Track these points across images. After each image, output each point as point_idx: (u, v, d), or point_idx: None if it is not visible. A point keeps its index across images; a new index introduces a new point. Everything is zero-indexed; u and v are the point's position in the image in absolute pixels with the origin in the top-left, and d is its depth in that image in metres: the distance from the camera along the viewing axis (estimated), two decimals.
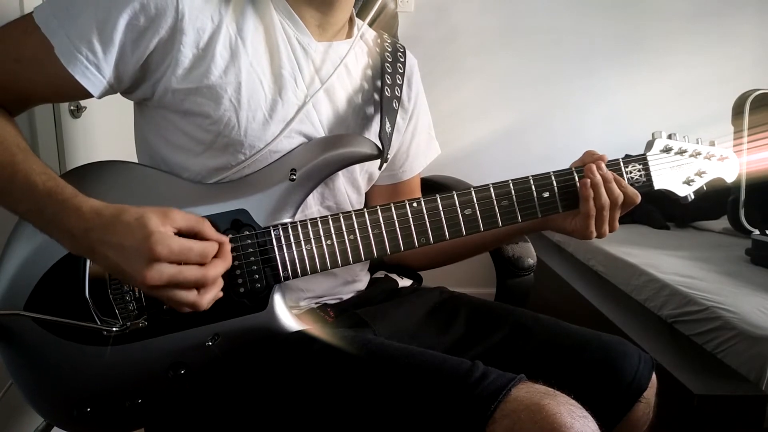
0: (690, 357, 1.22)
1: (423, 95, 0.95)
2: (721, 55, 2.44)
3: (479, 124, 2.43)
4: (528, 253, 1.05)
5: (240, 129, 0.71)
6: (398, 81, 0.84)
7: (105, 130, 1.27)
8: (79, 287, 0.66)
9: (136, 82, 0.70)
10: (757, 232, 1.69)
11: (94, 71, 0.66)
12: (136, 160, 0.79)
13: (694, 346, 1.28)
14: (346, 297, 0.87)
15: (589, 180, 0.75)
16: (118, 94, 0.74)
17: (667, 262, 1.61)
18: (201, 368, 0.68)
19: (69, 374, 0.67)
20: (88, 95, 0.69)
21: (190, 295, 0.60)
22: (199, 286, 0.60)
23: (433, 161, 0.98)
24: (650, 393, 0.77)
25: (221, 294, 0.63)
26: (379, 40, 0.88)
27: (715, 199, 2.16)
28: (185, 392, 0.69)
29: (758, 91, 1.77)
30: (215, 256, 0.62)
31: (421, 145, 0.95)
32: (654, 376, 0.78)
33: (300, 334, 0.71)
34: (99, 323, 0.66)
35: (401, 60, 0.87)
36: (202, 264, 0.61)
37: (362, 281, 0.91)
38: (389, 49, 0.87)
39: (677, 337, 1.33)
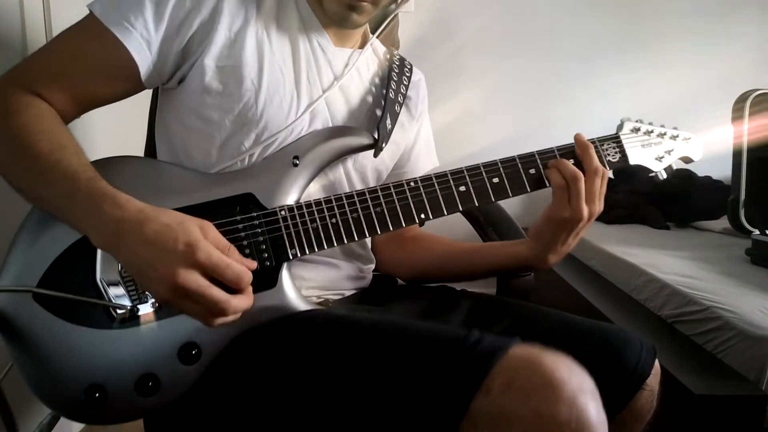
0: (690, 357, 1.22)
1: (427, 111, 1.00)
2: (721, 54, 2.44)
3: (479, 122, 2.43)
4: None
5: (257, 109, 0.75)
6: (402, 90, 0.89)
7: (105, 130, 1.27)
8: (91, 270, 0.67)
9: (176, 66, 0.75)
10: (757, 232, 1.69)
11: (145, 47, 0.72)
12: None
13: (694, 346, 1.28)
14: (348, 293, 0.87)
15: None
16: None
17: (667, 262, 1.61)
18: (212, 347, 0.68)
19: (78, 358, 0.66)
20: (136, 73, 0.73)
21: (203, 314, 0.60)
22: (217, 311, 0.60)
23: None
24: (653, 381, 0.76)
25: (235, 320, 0.63)
26: (388, 55, 0.94)
27: (715, 199, 2.17)
28: (197, 372, 0.68)
29: (758, 91, 1.77)
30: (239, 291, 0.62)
31: (422, 152, 0.98)
32: (657, 363, 0.78)
33: (305, 314, 0.71)
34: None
35: (407, 75, 0.93)
36: (234, 287, 0.61)
37: (366, 278, 0.92)
38: (397, 63, 0.92)
39: (677, 337, 1.33)
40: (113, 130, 1.28)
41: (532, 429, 0.52)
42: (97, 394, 0.66)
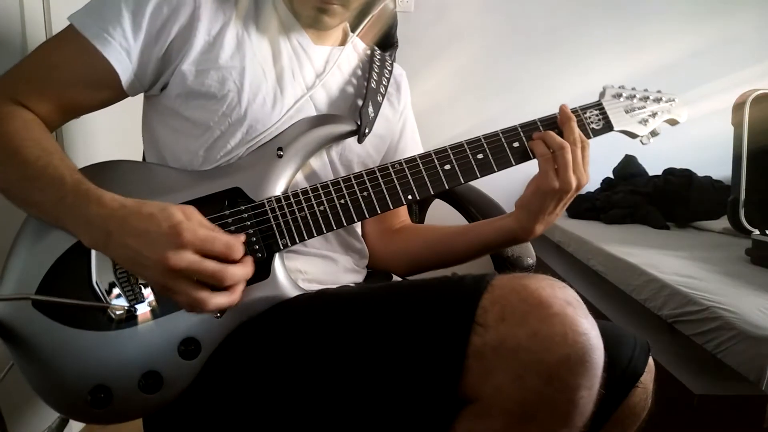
0: (690, 357, 1.22)
1: (410, 106, 1.00)
2: (721, 55, 2.44)
3: (478, 122, 2.43)
4: (527, 252, 1.05)
5: (241, 108, 0.76)
6: (384, 82, 0.90)
7: (105, 130, 1.27)
8: (87, 274, 0.67)
9: (157, 73, 0.76)
10: (757, 232, 1.69)
11: (125, 56, 0.73)
12: (135, 159, 0.80)
13: (694, 346, 1.28)
14: None
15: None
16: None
17: (667, 262, 1.61)
18: (211, 341, 0.69)
19: (81, 361, 0.67)
20: (118, 82, 0.74)
21: (202, 293, 0.61)
22: (216, 281, 0.61)
23: None
24: (647, 378, 0.76)
25: (236, 299, 0.64)
26: (369, 51, 0.95)
27: (715, 199, 2.16)
28: (198, 367, 0.69)
29: (758, 91, 1.77)
30: (237, 262, 0.64)
31: (408, 145, 0.99)
32: (651, 360, 0.77)
33: (295, 298, 0.73)
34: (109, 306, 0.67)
35: (389, 69, 0.94)
36: (227, 258, 0.62)
37: (360, 273, 0.92)
38: (378, 57, 0.93)
39: (677, 337, 1.33)
40: (114, 133, 1.28)
41: (534, 350, 0.54)
42: (102, 395, 0.66)
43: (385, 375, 0.61)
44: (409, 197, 0.77)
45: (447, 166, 0.78)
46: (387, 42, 1.20)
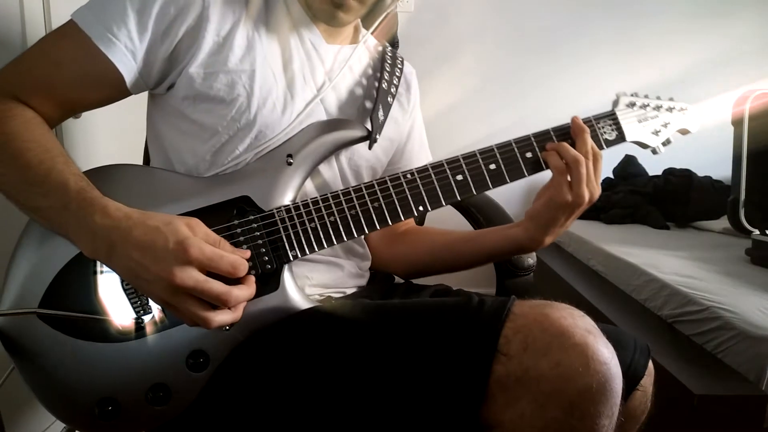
0: (690, 357, 1.22)
1: (419, 106, 0.99)
2: (721, 55, 2.44)
3: (479, 122, 2.43)
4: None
5: (250, 113, 0.74)
6: (395, 81, 0.89)
7: (105, 130, 1.27)
8: (93, 284, 0.66)
9: (163, 74, 0.74)
10: (757, 232, 1.69)
11: (130, 57, 0.71)
12: (136, 160, 0.79)
13: (694, 346, 1.28)
14: (349, 291, 0.87)
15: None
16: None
17: (667, 262, 1.61)
18: (219, 353, 0.68)
19: (88, 373, 0.66)
20: (121, 82, 0.72)
21: (206, 313, 0.60)
22: (220, 303, 0.60)
23: None
24: (647, 381, 0.76)
25: (238, 317, 0.63)
26: (380, 48, 0.93)
27: (715, 199, 2.16)
28: (206, 379, 0.68)
29: (758, 91, 1.77)
30: (240, 282, 0.63)
31: (416, 147, 0.98)
32: (651, 364, 0.77)
33: (308, 311, 0.71)
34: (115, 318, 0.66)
35: (399, 67, 0.92)
36: (232, 277, 0.61)
37: (364, 277, 0.92)
38: (389, 55, 0.92)
39: (677, 337, 1.33)
40: (114, 132, 1.28)
41: (556, 380, 0.54)
42: (110, 407, 0.66)
43: (402, 400, 0.60)
44: (420, 208, 0.76)
45: (459, 177, 0.77)
46: (389, 43, 1.21)
